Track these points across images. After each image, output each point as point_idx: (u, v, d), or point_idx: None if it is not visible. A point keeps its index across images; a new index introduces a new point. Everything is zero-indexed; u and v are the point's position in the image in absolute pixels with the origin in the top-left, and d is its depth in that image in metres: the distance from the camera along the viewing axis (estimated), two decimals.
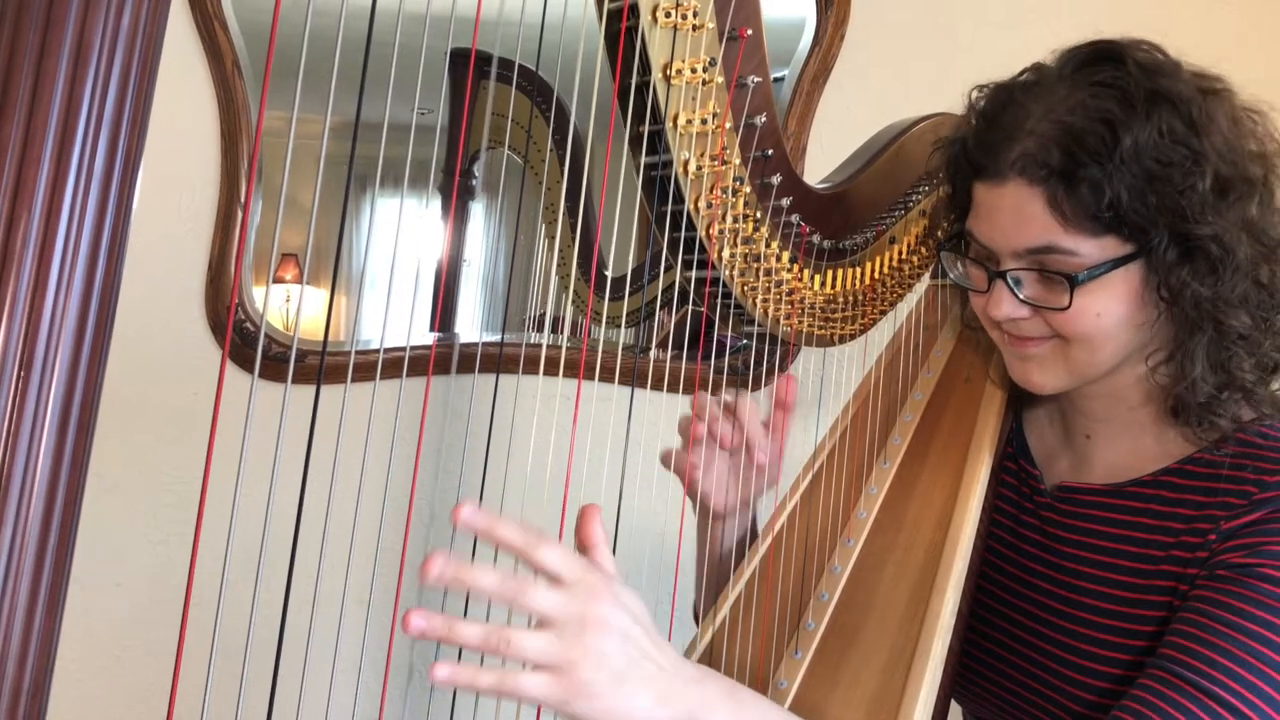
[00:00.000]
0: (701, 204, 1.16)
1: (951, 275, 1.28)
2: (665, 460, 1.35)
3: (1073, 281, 1.12)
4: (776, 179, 1.21)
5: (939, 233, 1.43)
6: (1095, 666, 1.19)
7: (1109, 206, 1.09)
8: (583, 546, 0.96)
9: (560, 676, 0.87)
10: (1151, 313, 1.15)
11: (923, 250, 1.46)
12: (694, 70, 1.09)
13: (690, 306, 2.33)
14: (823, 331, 1.37)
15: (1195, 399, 1.16)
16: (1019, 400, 1.40)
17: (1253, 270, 1.13)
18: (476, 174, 2.42)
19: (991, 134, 1.17)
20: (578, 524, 0.97)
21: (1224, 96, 1.15)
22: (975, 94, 1.25)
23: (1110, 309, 1.14)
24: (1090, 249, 1.11)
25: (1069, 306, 1.13)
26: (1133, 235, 1.11)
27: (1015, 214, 1.14)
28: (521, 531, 0.90)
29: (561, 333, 2.46)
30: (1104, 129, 1.09)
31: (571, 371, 2.11)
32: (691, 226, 1.17)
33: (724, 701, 0.95)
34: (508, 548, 0.89)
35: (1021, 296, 1.17)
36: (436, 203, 2.30)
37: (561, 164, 2.31)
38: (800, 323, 1.33)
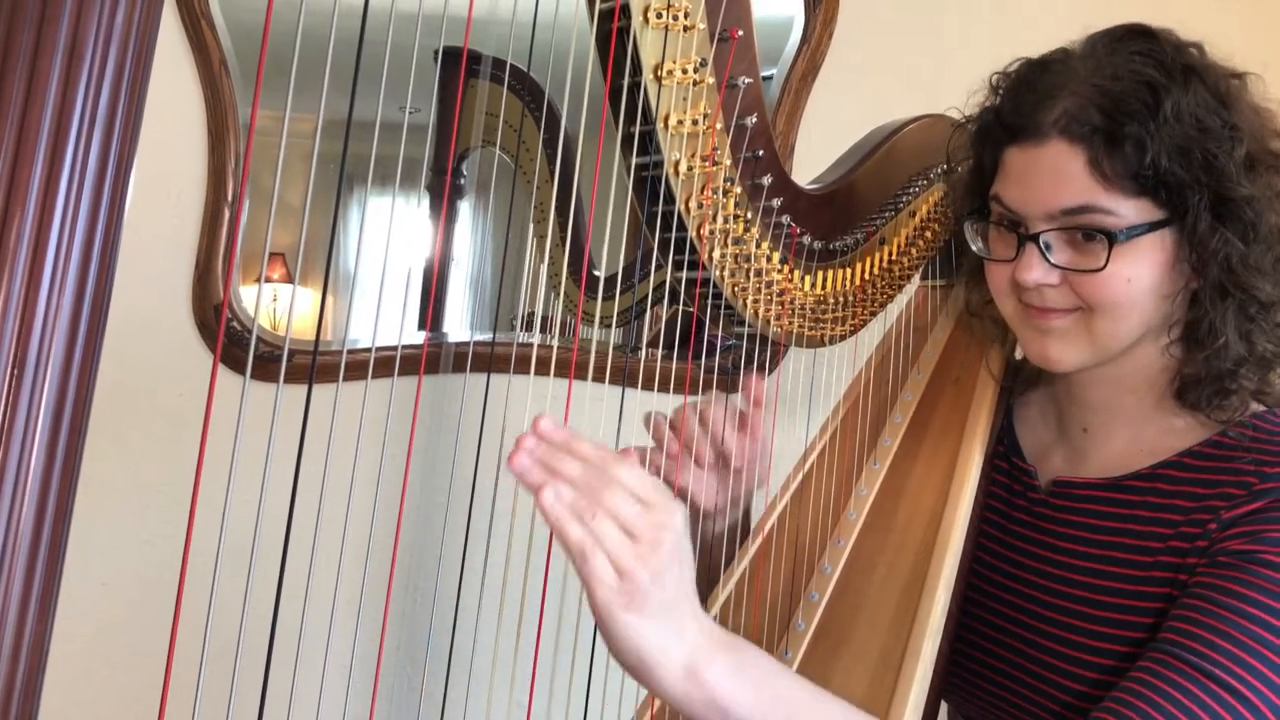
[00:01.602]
0: (692, 205, 1.16)
1: (973, 247, 1.28)
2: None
3: (1111, 239, 1.13)
4: (767, 180, 1.21)
5: (953, 203, 1.43)
6: (1089, 659, 1.19)
7: (1150, 166, 1.10)
8: None
9: (624, 580, 0.89)
10: (1178, 282, 1.17)
11: (913, 251, 1.46)
12: (685, 71, 1.09)
13: (680, 306, 2.33)
14: (813, 332, 1.37)
15: (1223, 365, 1.17)
16: (1009, 398, 1.41)
17: (1277, 242, 1.15)
18: (466, 173, 2.42)
19: (1028, 97, 1.18)
20: None
21: (1245, 81, 1.18)
22: (996, 76, 1.26)
23: (1141, 275, 1.15)
24: (1127, 210, 1.13)
25: (1104, 267, 1.13)
26: (1169, 199, 1.12)
27: (1053, 174, 1.15)
28: (598, 448, 0.92)
29: (551, 332, 2.46)
30: (1145, 91, 1.12)
31: (562, 371, 2.11)
32: (682, 227, 1.17)
33: (729, 649, 0.96)
34: (583, 458, 0.91)
35: (1053, 261, 1.17)
36: (426, 202, 2.30)
37: (551, 164, 2.31)
38: (790, 323, 1.33)
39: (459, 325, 2.45)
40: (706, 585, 1.34)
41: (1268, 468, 1.14)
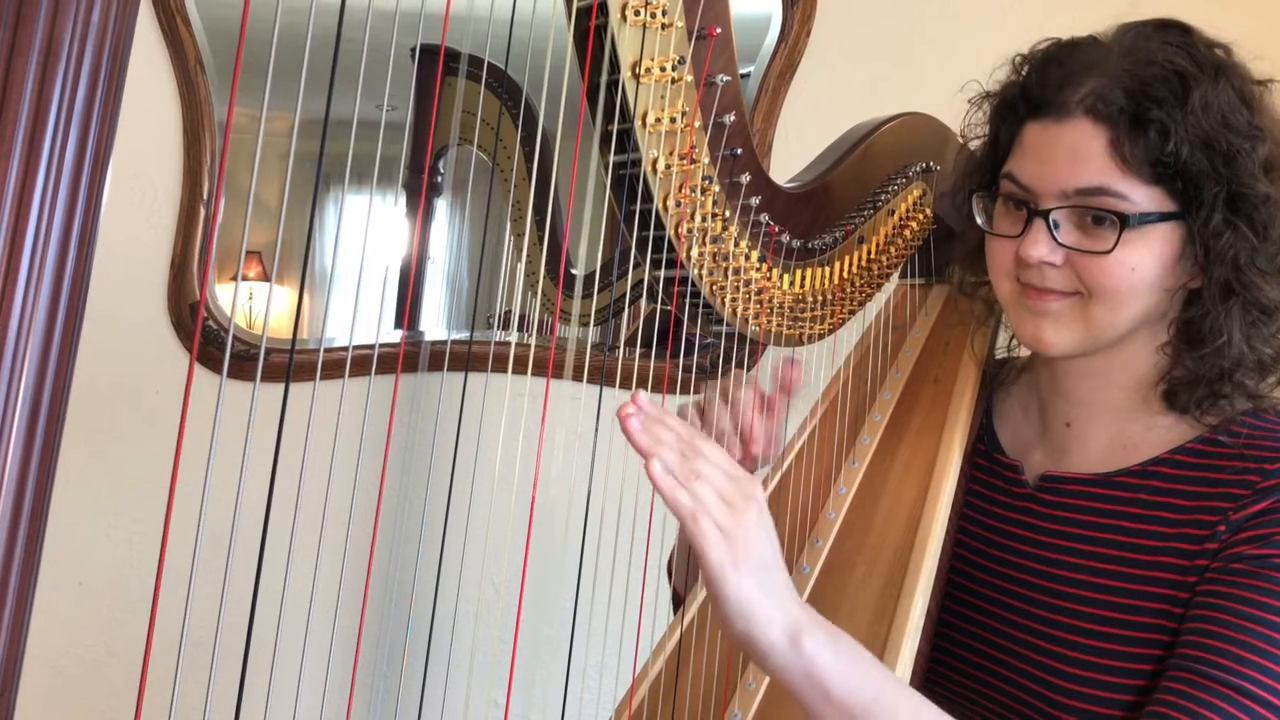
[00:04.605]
0: (670, 203, 1.16)
1: (979, 220, 1.27)
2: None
3: (1124, 223, 1.13)
4: (745, 178, 1.20)
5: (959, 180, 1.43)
6: (1080, 656, 1.19)
7: (1172, 154, 1.11)
8: None
9: (727, 539, 0.97)
10: (1180, 279, 1.17)
11: (891, 250, 1.46)
12: (663, 69, 1.09)
13: (658, 305, 2.33)
14: (791, 331, 1.37)
15: (1221, 365, 1.17)
16: (988, 395, 1.41)
17: None
18: (443, 171, 2.41)
19: (1056, 73, 1.18)
20: None
21: (1269, 88, 1.19)
22: (1019, 58, 1.25)
23: (1145, 264, 1.15)
24: (1141, 196, 1.13)
25: (1112, 250, 1.14)
26: (1185, 191, 1.13)
27: (1072, 152, 1.15)
28: (685, 425, 1.01)
29: (529, 331, 2.46)
30: (1175, 80, 1.12)
31: (539, 369, 2.11)
32: (660, 225, 1.17)
33: (824, 627, 1.01)
34: (674, 431, 1.00)
35: (1059, 240, 1.16)
36: (403, 200, 2.29)
37: (529, 162, 2.31)
38: (769, 322, 1.33)
39: (436, 324, 2.45)
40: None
41: (1268, 464, 1.14)
